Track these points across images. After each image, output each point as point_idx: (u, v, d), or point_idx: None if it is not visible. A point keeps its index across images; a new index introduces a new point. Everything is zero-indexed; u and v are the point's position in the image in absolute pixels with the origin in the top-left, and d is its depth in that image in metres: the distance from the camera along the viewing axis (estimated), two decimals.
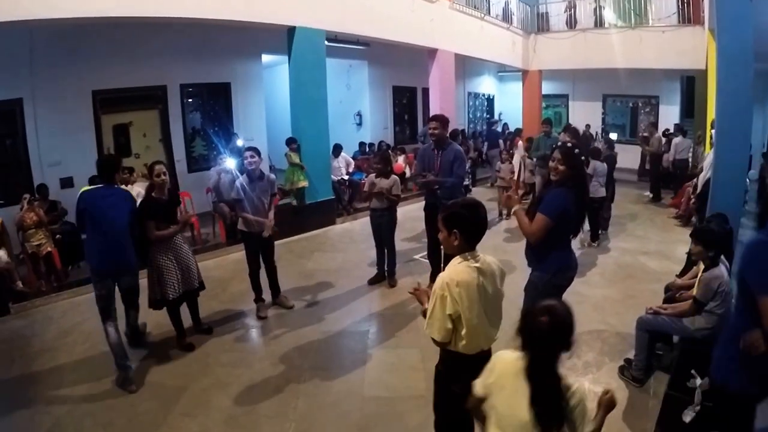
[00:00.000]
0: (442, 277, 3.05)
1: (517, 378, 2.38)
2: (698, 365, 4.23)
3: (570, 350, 2.34)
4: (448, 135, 7.32)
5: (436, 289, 3.02)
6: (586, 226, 9.05)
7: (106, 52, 10.16)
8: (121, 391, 5.16)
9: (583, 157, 4.45)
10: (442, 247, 3.36)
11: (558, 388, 2.32)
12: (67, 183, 9.92)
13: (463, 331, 3.01)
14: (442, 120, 7.09)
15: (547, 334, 2.29)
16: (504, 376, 2.47)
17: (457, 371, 3.15)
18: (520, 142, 13.72)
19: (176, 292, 5.73)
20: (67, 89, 9.78)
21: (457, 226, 3.05)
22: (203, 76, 12.32)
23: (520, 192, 4.17)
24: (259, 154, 6.66)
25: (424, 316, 3.17)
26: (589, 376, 5.18)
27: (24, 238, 7.88)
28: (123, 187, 8.44)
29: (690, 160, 14.07)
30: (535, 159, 11.38)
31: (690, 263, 6.13)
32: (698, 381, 4.12)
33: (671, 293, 5.61)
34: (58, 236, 8.29)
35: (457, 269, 3.04)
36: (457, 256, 3.10)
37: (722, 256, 4.75)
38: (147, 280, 5.79)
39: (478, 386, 2.59)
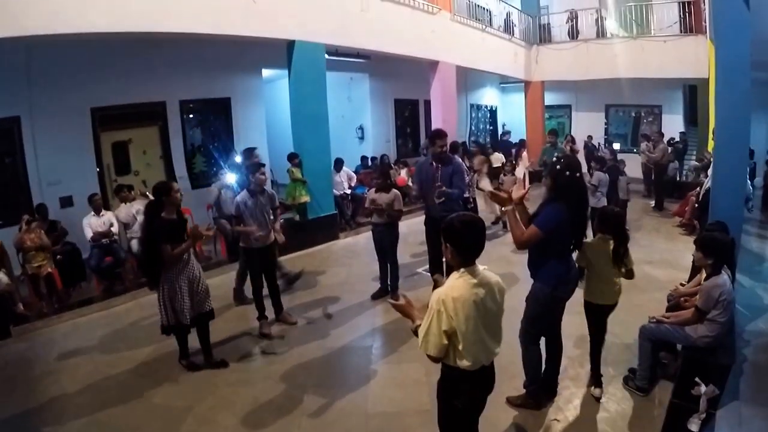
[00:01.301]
0: (438, 292, 3.05)
1: (603, 247, 4.78)
2: (702, 373, 4.30)
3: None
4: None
5: (432, 304, 3.01)
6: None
7: (104, 68, 10.10)
8: (126, 415, 5.10)
9: (569, 171, 4.40)
10: (444, 260, 3.40)
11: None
12: (66, 202, 9.85)
13: (460, 347, 3.00)
14: (445, 136, 7.00)
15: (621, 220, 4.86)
16: (595, 250, 4.81)
17: (457, 386, 3.17)
18: (525, 153, 13.67)
19: (188, 316, 5.53)
20: (65, 107, 9.71)
21: (449, 240, 3.09)
22: (203, 91, 12.27)
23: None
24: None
25: (415, 333, 3.16)
26: (592, 387, 5.11)
27: (24, 259, 7.82)
28: (125, 204, 8.51)
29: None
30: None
31: (696, 271, 6.09)
32: (703, 389, 4.15)
33: (674, 302, 5.61)
34: (58, 257, 8.22)
35: (454, 285, 3.04)
36: (456, 272, 3.10)
37: (725, 265, 4.77)
38: (158, 304, 5.58)
39: (579, 261, 4.81)
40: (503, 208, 4.55)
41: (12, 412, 5.29)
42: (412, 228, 9.99)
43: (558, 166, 4.44)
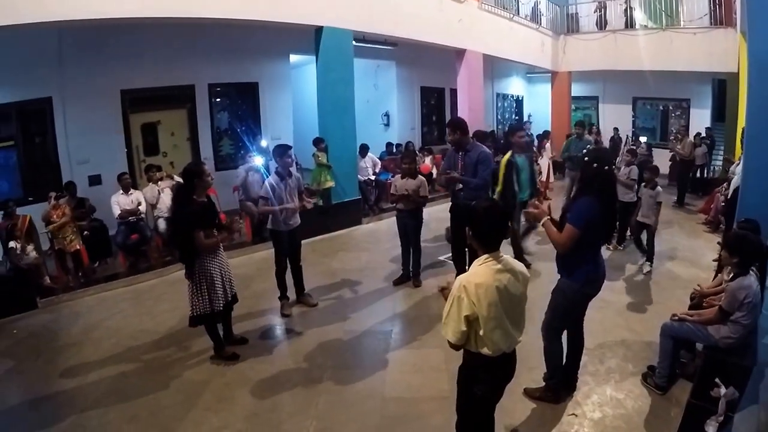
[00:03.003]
0: (460, 279, 3.06)
1: None
2: (722, 374, 4.15)
3: None
4: (471, 137, 7.15)
5: (454, 290, 3.03)
6: None
7: (134, 51, 10.27)
8: (146, 386, 5.20)
9: (596, 163, 4.36)
10: (467, 248, 3.38)
11: None
12: (95, 180, 10.10)
13: (481, 332, 3.00)
14: (454, 125, 6.89)
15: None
16: None
17: (478, 373, 3.17)
18: (548, 144, 13.59)
19: (222, 302, 5.47)
20: (96, 88, 9.93)
21: (471, 225, 3.12)
22: (231, 75, 12.40)
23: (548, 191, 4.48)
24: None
25: None
26: (611, 382, 5.09)
27: (52, 234, 8.00)
28: (152, 184, 8.62)
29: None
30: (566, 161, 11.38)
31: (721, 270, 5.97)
32: (722, 390, 4.00)
33: (696, 300, 5.47)
34: (86, 233, 8.39)
35: (477, 271, 3.05)
36: (479, 258, 3.11)
37: (754, 267, 4.60)
38: (189, 294, 5.40)
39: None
40: (540, 222, 4.46)
41: (35, 379, 5.47)
42: (435, 215, 9.99)
43: (587, 158, 4.38)
